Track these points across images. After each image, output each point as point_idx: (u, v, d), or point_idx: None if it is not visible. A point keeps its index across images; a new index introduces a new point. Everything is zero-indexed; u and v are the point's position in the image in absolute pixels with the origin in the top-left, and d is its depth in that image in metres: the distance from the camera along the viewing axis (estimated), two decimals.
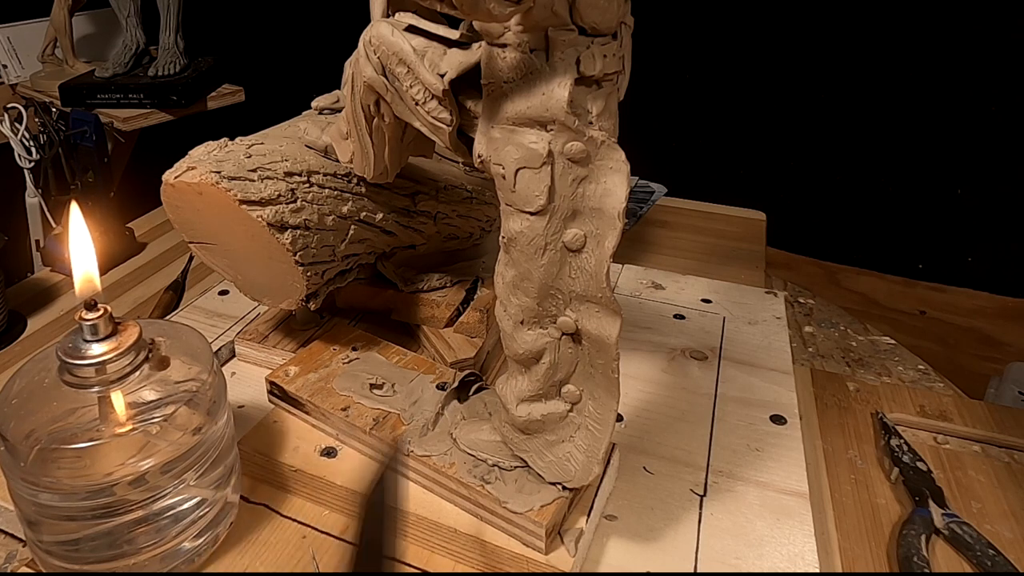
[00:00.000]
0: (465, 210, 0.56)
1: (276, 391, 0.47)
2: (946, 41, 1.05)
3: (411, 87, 0.35)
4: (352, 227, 0.47)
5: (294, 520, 0.39)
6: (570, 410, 0.35)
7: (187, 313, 0.60)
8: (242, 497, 0.39)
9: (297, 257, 0.43)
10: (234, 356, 0.54)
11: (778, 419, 0.48)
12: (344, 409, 0.44)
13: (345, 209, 0.46)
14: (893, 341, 0.68)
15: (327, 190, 0.45)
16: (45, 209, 0.87)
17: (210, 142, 0.44)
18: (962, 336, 1.13)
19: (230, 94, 1.17)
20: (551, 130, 0.30)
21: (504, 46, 0.30)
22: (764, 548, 0.39)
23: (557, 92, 0.29)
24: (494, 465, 0.38)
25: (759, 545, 0.39)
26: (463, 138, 0.36)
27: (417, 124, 0.37)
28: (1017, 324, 1.11)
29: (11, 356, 0.61)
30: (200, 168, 0.41)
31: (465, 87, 0.34)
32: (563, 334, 0.33)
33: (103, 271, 0.73)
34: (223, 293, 0.63)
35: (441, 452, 0.40)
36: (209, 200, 0.42)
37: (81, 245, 0.35)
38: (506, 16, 0.27)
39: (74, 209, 0.35)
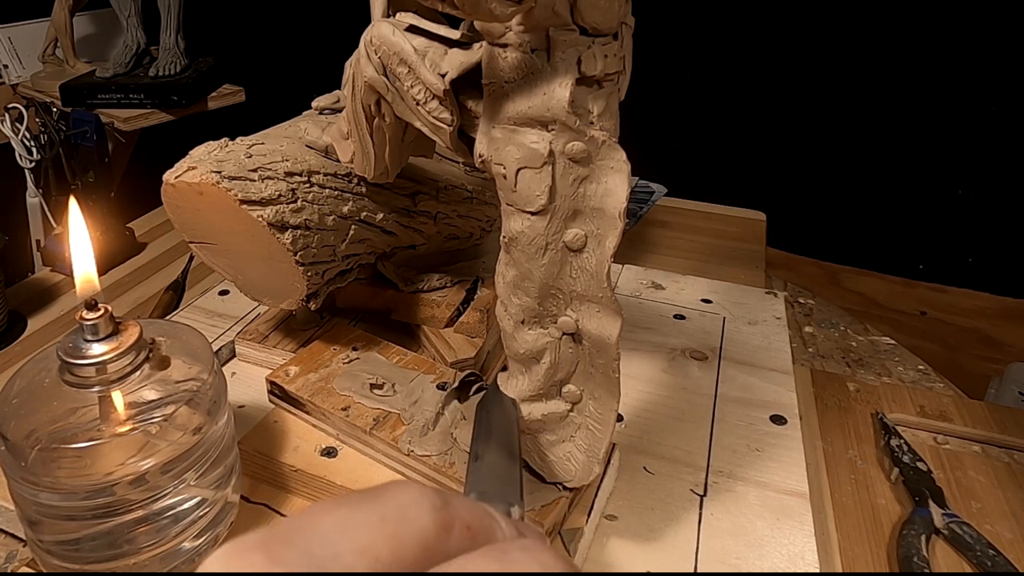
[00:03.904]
0: (465, 210, 0.56)
1: (276, 391, 0.47)
2: (946, 41, 1.05)
3: (412, 87, 0.35)
4: (352, 227, 0.47)
5: None
6: (570, 410, 0.35)
7: (187, 313, 0.60)
8: (242, 497, 0.39)
9: (297, 257, 0.43)
10: (234, 356, 0.54)
11: (778, 419, 0.48)
12: (344, 409, 0.44)
13: (345, 209, 0.46)
14: (893, 341, 0.68)
15: (327, 190, 0.45)
16: (46, 209, 0.87)
17: (210, 142, 0.44)
18: (962, 337, 1.13)
19: (230, 94, 1.17)
20: (552, 130, 0.30)
21: (505, 46, 0.30)
22: (764, 548, 0.39)
23: (558, 92, 0.29)
24: None
25: (759, 545, 0.39)
26: (464, 138, 0.36)
27: (418, 124, 0.37)
28: (1018, 325, 1.10)
29: (11, 356, 0.60)
30: (201, 168, 0.41)
31: (466, 87, 0.34)
32: (564, 334, 0.33)
33: (103, 271, 0.74)
34: (223, 293, 0.63)
35: (441, 452, 0.40)
36: (209, 200, 0.42)
37: (80, 240, 0.35)
38: (507, 16, 0.27)
39: (73, 205, 0.35)
